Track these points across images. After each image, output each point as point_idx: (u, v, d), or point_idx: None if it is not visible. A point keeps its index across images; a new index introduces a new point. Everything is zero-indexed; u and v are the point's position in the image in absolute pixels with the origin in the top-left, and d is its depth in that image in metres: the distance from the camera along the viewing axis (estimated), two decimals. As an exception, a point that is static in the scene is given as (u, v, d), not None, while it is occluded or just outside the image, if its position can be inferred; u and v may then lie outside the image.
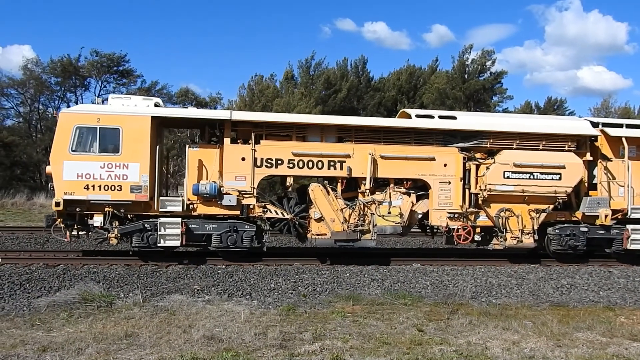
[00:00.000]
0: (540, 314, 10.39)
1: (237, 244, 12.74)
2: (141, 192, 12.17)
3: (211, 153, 12.92)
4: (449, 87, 40.67)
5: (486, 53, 41.36)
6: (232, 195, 12.72)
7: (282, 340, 8.04)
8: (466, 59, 41.92)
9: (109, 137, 12.17)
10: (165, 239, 12.34)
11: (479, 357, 7.49)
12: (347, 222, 13.23)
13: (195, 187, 12.51)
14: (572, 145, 14.11)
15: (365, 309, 10.33)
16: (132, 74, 40.11)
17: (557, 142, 14.04)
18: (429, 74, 43.16)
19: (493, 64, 41.54)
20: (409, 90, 42.41)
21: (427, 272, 13.11)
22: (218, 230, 12.71)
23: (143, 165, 12.20)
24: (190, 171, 12.77)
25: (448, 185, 13.64)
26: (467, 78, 41.40)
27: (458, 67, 41.90)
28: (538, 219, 13.80)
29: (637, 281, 13.24)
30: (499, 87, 41.92)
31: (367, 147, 13.38)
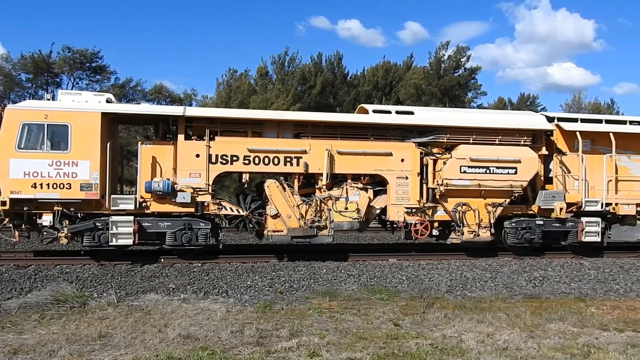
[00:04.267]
0: (513, 306, 10.49)
1: (192, 242, 12.63)
2: (91, 190, 11.99)
3: (165, 150, 12.78)
4: (425, 83, 40.87)
5: (461, 50, 41.69)
6: (186, 192, 12.60)
7: (259, 337, 8.02)
8: (442, 55, 42.15)
9: (57, 134, 11.96)
10: (117, 238, 12.18)
11: (454, 349, 7.55)
12: (304, 218, 13.19)
13: (148, 185, 12.37)
14: (528, 140, 14.22)
15: (342, 305, 10.37)
16: (106, 71, 39.63)
17: (513, 136, 14.13)
18: (404, 70, 43.30)
19: (467, 61, 41.88)
20: (384, 87, 42.52)
21: (403, 267, 13.17)
22: (172, 228, 12.59)
23: (93, 163, 12.02)
24: (143, 168, 12.61)
25: (405, 180, 13.66)
26: (442, 74, 41.62)
27: (434, 64, 42.11)
28: (495, 212, 13.90)
29: (607, 272, 13.44)
30: (474, 83, 42.29)
31: (324, 142, 13.33)
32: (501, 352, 7.39)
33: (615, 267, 13.73)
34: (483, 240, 14.00)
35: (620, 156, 14.67)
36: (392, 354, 7.33)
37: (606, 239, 14.75)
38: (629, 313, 10.42)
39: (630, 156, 14.84)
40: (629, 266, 13.88)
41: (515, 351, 7.45)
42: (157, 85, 43.10)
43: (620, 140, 14.49)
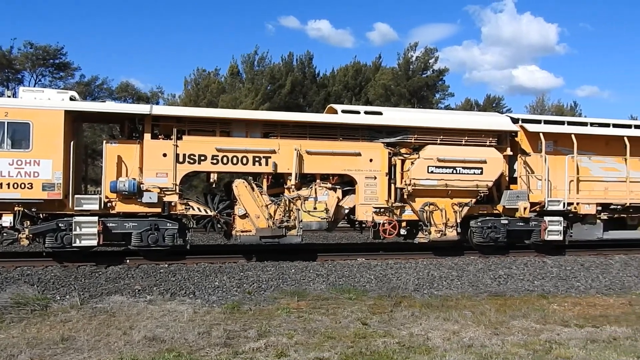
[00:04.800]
0: (479, 304, 10.70)
1: (158, 243, 12.45)
2: (54, 190, 11.70)
3: (131, 149, 12.56)
4: (394, 84, 41.22)
5: (429, 51, 42.19)
6: (152, 192, 12.41)
7: (227, 338, 7.97)
8: (411, 56, 42.59)
9: (18, 132, 11.61)
10: (81, 239, 11.92)
11: (421, 347, 7.64)
12: (273, 218, 13.15)
13: (113, 184, 12.13)
14: (493, 141, 14.48)
15: (310, 305, 10.39)
16: (70, 67, 38.73)
17: (479, 137, 14.37)
18: (373, 71, 43.57)
19: (435, 62, 42.43)
20: (354, 87, 42.70)
21: (371, 266, 13.24)
22: (138, 228, 12.38)
23: (56, 162, 11.72)
24: (108, 168, 12.37)
25: (374, 180, 13.75)
26: (411, 75, 42.06)
27: (403, 65, 42.51)
28: (461, 212, 14.11)
29: (568, 270, 13.78)
30: (441, 84, 42.89)
31: (293, 142, 13.32)
32: (466, 349, 7.52)
33: (576, 265, 14.12)
34: (450, 239, 14.21)
35: (582, 157, 15.09)
36: (359, 353, 7.38)
37: (568, 237, 15.13)
38: (588, 309, 10.74)
39: (591, 157, 15.28)
40: (589, 264, 14.29)
41: (480, 348, 7.58)
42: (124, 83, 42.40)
43: (581, 141, 14.90)
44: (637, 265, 14.43)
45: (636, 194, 15.50)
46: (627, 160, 15.31)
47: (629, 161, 15.34)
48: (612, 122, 15.92)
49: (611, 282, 13.13)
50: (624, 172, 15.39)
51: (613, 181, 15.37)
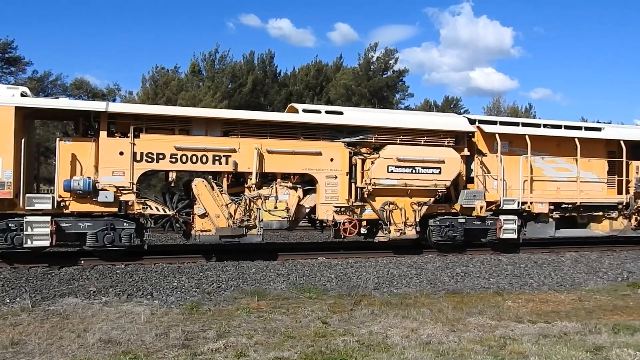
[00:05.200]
0: (437, 302, 10.82)
1: (114, 243, 12.16)
2: (4, 189, 11.26)
3: (86, 147, 12.22)
4: (355, 84, 41.53)
5: (389, 52, 42.71)
6: (108, 191, 12.10)
7: (185, 339, 7.81)
8: (371, 57, 42.99)
9: (-35, 129, 11.14)
10: (33, 239, 11.52)
11: (380, 345, 7.66)
12: (233, 217, 13.03)
13: (67, 183, 11.77)
14: (451, 141, 14.77)
15: (270, 304, 10.31)
16: (21, 62, 37.33)
17: (437, 137, 14.62)
18: (334, 70, 43.79)
19: (395, 63, 42.98)
20: (316, 86, 42.83)
21: (332, 265, 13.26)
22: (93, 228, 12.06)
23: (6, 160, 11.28)
24: (61, 166, 11.99)
25: (335, 179, 13.80)
26: (371, 75, 42.47)
27: (363, 65, 42.89)
28: (420, 211, 14.33)
29: (522, 267, 14.13)
30: (401, 85, 43.50)
31: (253, 141, 13.23)
32: (424, 346, 7.62)
33: (530, 263, 14.54)
34: (409, 238, 14.41)
35: (535, 157, 15.57)
36: (319, 352, 7.38)
37: (522, 236, 15.57)
38: (541, 305, 11.07)
39: (544, 157, 15.79)
40: (542, 261, 14.75)
41: (437, 345, 7.70)
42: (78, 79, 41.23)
43: (535, 142, 15.37)
44: (587, 262, 14.98)
45: (586, 193, 16.11)
46: (577, 160, 15.89)
47: (580, 162, 15.92)
48: (564, 123, 16.49)
49: (562, 279, 13.58)
50: (574, 172, 15.97)
51: (564, 181, 15.93)
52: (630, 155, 16.65)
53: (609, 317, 10.19)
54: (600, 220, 16.72)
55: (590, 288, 12.86)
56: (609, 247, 17.15)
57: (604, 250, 16.60)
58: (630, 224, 16.89)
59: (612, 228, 16.72)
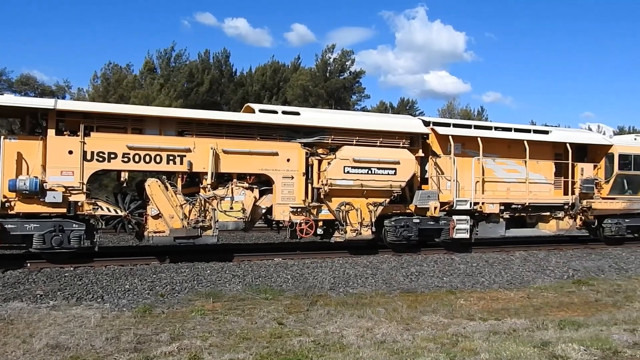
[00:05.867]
0: (392, 301, 10.91)
1: (63, 245, 11.76)
2: (-57, 189, 10.73)
3: (32, 145, 11.77)
4: (312, 85, 41.64)
5: (346, 54, 43.07)
6: (57, 191, 11.70)
7: (137, 343, 7.59)
8: (328, 58, 43.19)
9: None
10: (-25, 241, 11.03)
11: (335, 345, 7.64)
12: (187, 218, 12.82)
13: (12, 183, 11.31)
14: (406, 142, 14.99)
15: (226, 306, 10.16)
16: (-39, 57, 35.61)
17: (393, 139, 14.82)
18: (291, 71, 43.78)
19: (352, 65, 43.34)
20: (272, 87, 42.69)
21: (288, 266, 13.21)
22: (40, 230, 11.63)
23: (-54, 159, 10.77)
24: (6, 165, 11.50)
25: (291, 180, 13.79)
26: (328, 77, 42.66)
27: (320, 66, 43.04)
28: (376, 211, 14.48)
29: (474, 266, 14.44)
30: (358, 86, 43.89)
31: (209, 141, 13.07)
32: (379, 345, 7.70)
33: (481, 262, 14.91)
34: (365, 238, 14.54)
35: (487, 159, 16.00)
36: (275, 352, 7.35)
37: (474, 235, 15.98)
38: (492, 303, 11.37)
39: (495, 159, 16.25)
40: (493, 260, 15.15)
41: (392, 344, 7.79)
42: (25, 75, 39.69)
43: (486, 144, 15.79)
44: (535, 261, 15.48)
45: (535, 194, 16.67)
46: (526, 162, 16.43)
47: (529, 163, 16.46)
48: (514, 126, 17.02)
49: (512, 277, 13.98)
50: (523, 174, 16.50)
51: (514, 182, 16.44)
52: (575, 157, 17.35)
53: (555, 313, 10.56)
54: (547, 220, 17.33)
55: (538, 286, 13.29)
56: (555, 246, 17.82)
57: (551, 249, 17.22)
58: (575, 223, 17.58)
59: (559, 228, 17.37)
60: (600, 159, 18.07)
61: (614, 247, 18.00)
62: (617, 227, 18.04)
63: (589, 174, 17.58)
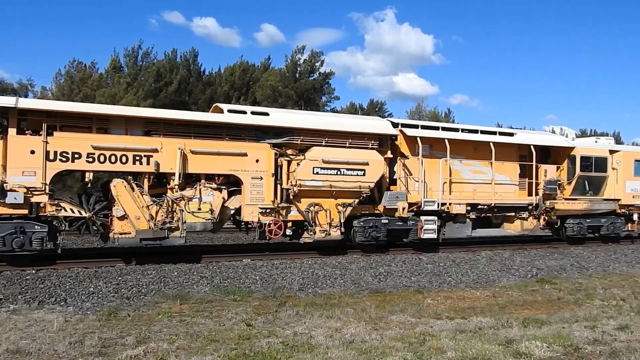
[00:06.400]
0: (360, 301, 10.94)
1: (24, 247, 11.44)
2: None
3: (-8, 145, 11.43)
4: (282, 85, 41.55)
5: (315, 54, 43.10)
6: (18, 192, 11.37)
7: (102, 347, 7.41)
8: (298, 59, 43.17)
9: None
10: None
11: (304, 346, 7.61)
12: (154, 219, 12.63)
13: (-29, 184, 10.96)
14: (375, 144, 15.10)
15: (193, 308, 10.03)
16: None
17: (362, 140, 14.91)
18: (261, 71, 43.61)
19: (322, 66, 43.41)
20: (241, 87, 42.43)
21: (257, 267, 13.12)
22: (1, 232, 11.28)
23: None
24: (-36, 165, 11.16)
25: (260, 180, 13.72)
26: (298, 77, 42.64)
27: (290, 67, 42.98)
28: (345, 212, 14.54)
29: (441, 266, 14.61)
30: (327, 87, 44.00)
31: (176, 141, 12.90)
32: (348, 345, 7.72)
33: (448, 261, 15.13)
34: (334, 239, 14.59)
35: (454, 160, 16.25)
36: (243, 354, 7.30)
37: (441, 235, 16.20)
38: (458, 302, 11.54)
39: (462, 160, 16.51)
40: (460, 260, 15.38)
41: (360, 343, 7.83)
42: (-15, 72, 38.38)
43: (454, 146, 16.03)
44: (500, 260, 15.79)
45: (500, 195, 17.01)
46: (492, 164, 16.74)
47: (494, 165, 16.79)
48: (480, 128, 17.33)
49: (478, 276, 14.22)
50: (489, 175, 16.81)
51: (480, 183, 16.74)
52: (539, 159, 17.77)
53: (519, 311, 10.78)
54: (512, 220, 17.71)
55: (503, 285, 13.55)
56: (520, 245, 18.22)
57: (516, 248, 17.60)
58: (539, 223, 18.02)
59: (523, 228, 17.77)
60: (563, 161, 18.57)
61: (576, 247, 18.52)
62: (578, 227, 18.56)
63: (552, 176, 18.04)
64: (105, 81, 36.26)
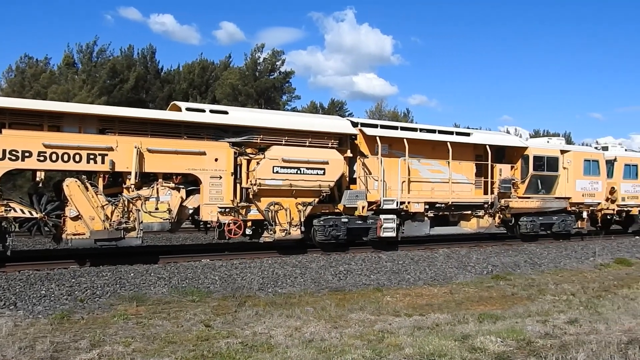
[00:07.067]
0: (320, 300, 10.99)
1: (-30, 249, 10.98)
2: None
3: (-64, 143, 10.91)
4: (242, 84, 41.20)
5: (276, 53, 42.89)
6: (-36, 192, 10.91)
7: (54, 351, 7.17)
8: (258, 57, 42.92)
9: None
10: None
11: (263, 346, 7.56)
12: (110, 219, 12.30)
13: None
14: (335, 143, 15.16)
15: (150, 309, 9.85)
16: None
17: (322, 139, 14.94)
18: (221, 69, 43.14)
19: (282, 65, 43.28)
20: (201, 85, 41.88)
21: (216, 267, 12.96)
22: (-56, 233, 10.81)
23: None
24: None
25: (219, 180, 13.56)
26: (258, 76, 42.39)
27: (250, 65, 42.68)
28: (305, 211, 14.54)
29: (400, 264, 14.80)
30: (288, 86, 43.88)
31: (132, 139, 12.60)
32: (307, 344, 7.73)
33: (407, 259, 15.34)
34: (294, 238, 14.57)
35: (412, 160, 16.48)
36: (201, 355, 7.21)
37: (400, 234, 16.41)
38: (417, 299, 11.73)
39: (420, 160, 16.77)
40: (418, 258, 15.63)
41: (320, 342, 7.85)
42: None
43: (412, 145, 16.26)
44: (457, 257, 16.13)
45: (457, 194, 17.36)
46: (449, 163, 17.07)
47: (451, 164, 17.12)
48: (438, 128, 17.64)
49: (436, 273, 14.49)
50: (447, 174, 17.14)
51: (438, 182, 17.05)
52: (494, 158, 18.23)
53: (475, 307, 11.05)
54: (469, 218, 18.11)
55: (460, 281, 13.86)
56: (476, 243, 18.66)
57: (472, 246, 18.01)
58: (494, 221, 18.49)
59: (479, 225, 18.20)
60: (517, 160, 19.11)
61: (529, 244, 19.10)
62: (532, 225, 19.14)
63: (506, 175, 18.53)
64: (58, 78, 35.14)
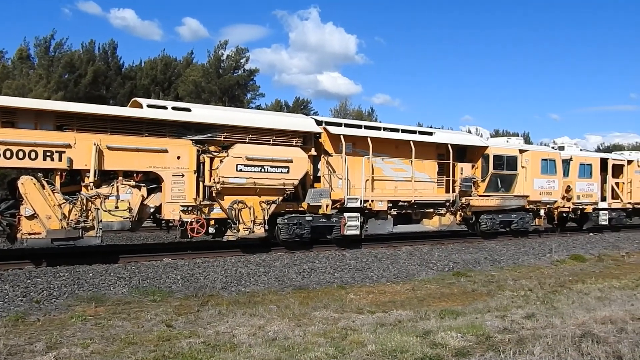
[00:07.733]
0: (284, 298, 10.99)
1: None
2: None
3: None
4: (205, 81, 40.72)
5: (240, 51, 42.58)
6: None
7: (8, 354, 7.00)
8: (221, 54, 42.51)
9: None
10: None
11: (226, 345, 7.51)
12: (67, 218, 11.97)
13: None
14: (299, 141, 15.15)
15: (110, 310, 9.67)
16: None
17: (286, 137, 14.90)
18: (184, 66, 42.53)
19: (247, 62, 42.97)
20: (163, 81, 41.19)
21: (178, 266, 12.79)
22: None
23: None
24: None
25: (181, 178, 13.37)
26: (222, 73, 41.98)
27: (213, 62, 42.22)
28: (269, 210, 14.48)
29: (364, 262, 14.92)
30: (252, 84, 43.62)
31: (91, 136, 12.29)
32: (270, 342, 7.71)
33: (370, 257, 15.47)
34: (258, 236, 14.49)
35: (376, 158, 16.61)
36: (162, 356, 7.10)
37: (364, 232, 16.52)
38: (380, 297, 11.85)
39: (384, 158, 16.92)
40: (382, 255, 15.78)
41: (283, 340, 7.84)
42: None
43: (376, 144, 16.39)
44: (420, 255, 16.36)
45: (420, 192, 17.59)
46: (412, 162, 17.28)
47: (414, 163, 17.34)
48: (401, 127, 17.84)
49: (399, 271, 14.66)
50: (410, 173, 17.35)
51: (401, 180, 17.24)
52: (456, 157, 18.55)
53: (437, 303, 11.23)
54: (431, 216, 18.38)
55: (422, 278, 14.06)
56: (438, 240, 18.97)
57: (434, 243, 18.30)
58: (455, 219, 18.81)
59: (441, 223, 18.50)
60: (478, 160, 19.50)
61: (489, 241, 19.54)
62: (491, 222, 19.58)
63: (467, 173, 18.88)
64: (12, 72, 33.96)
